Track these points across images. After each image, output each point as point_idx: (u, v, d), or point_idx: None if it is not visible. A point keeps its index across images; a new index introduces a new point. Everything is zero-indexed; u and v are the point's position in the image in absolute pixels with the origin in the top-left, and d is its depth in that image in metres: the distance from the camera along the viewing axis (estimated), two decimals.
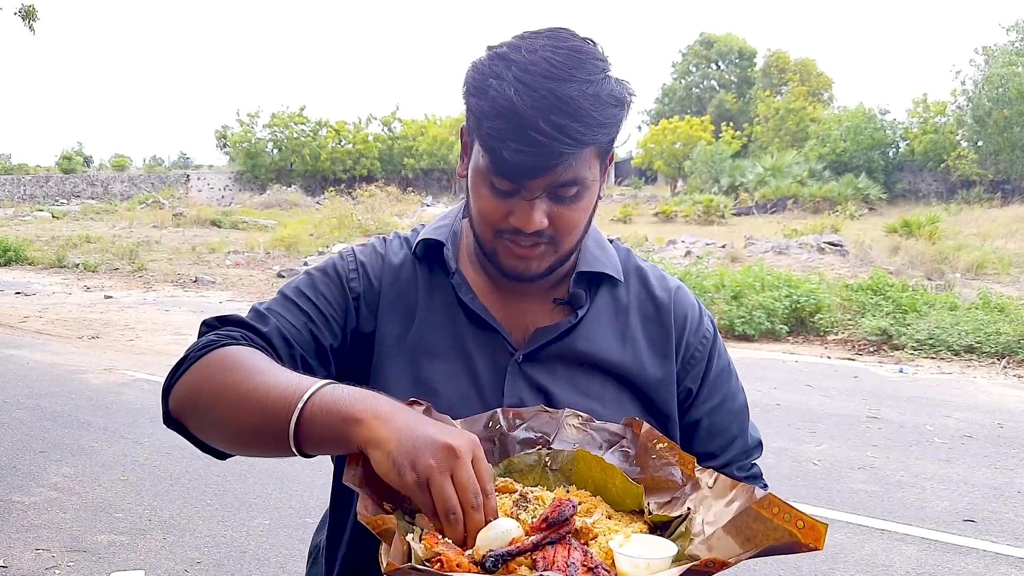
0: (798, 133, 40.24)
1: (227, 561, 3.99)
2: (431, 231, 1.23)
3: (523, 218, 1.05)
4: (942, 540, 4.28)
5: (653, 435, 1.05)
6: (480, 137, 1.03)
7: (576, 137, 0.98)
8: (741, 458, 1.27)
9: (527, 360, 1.16)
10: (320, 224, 22.62)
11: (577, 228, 1.10)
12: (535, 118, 0.96)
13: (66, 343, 9.82)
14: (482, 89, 1.01)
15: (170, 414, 1.07)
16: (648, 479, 1.01)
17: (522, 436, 1.06)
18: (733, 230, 21.81)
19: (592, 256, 1.22)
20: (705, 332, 1.25)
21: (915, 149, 34.64)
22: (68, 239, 21.85)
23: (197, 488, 4.95)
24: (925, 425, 6.41)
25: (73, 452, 5.59)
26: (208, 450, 1.07)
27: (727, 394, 1.26)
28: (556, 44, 1.01)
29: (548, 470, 1.04)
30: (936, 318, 9.60)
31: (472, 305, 1.17)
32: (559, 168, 1.01)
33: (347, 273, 1.21)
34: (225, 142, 45.54)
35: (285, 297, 1.18)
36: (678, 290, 1.27)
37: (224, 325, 1.13)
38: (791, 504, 0.83)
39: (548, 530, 0.85)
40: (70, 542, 4.17)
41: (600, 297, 1.22)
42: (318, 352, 1.14)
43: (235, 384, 0.99)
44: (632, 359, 1.19)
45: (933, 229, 17.61)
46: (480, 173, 1.06)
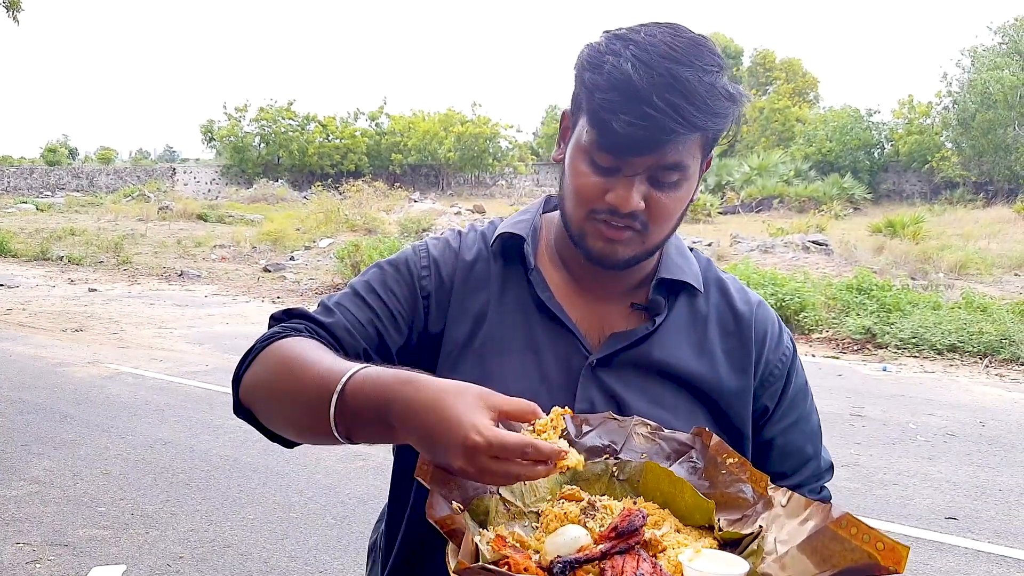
0: (784, 133, 40.44)
1: (210, 555, 3.97)
2: (511, 225, 1.21)
3: (621, 196, 1.02)
4: (924, 538, 4.32)
5: (723, 449, 1.01)
6: (590, 110, 1.01)
7: (688, 119, 0.97)
8: (812, 481, 1.23)
9: (600, 365, 1.13)
10: (307, 219, 22.51)
11: (671, 218, 1.08)
12: (650, 93, 0.95)
13: (49, 336, 9.74)
14: (598, 64, 1.00)
15: (241, 404, 1.08)
16: (717, 494, 0.98)
17: (590, 443, 1.04)
18: (719, 229, 21.88)
19: (674, 263, 1.19)
20: (785, 349, 1.22)
21: (900, 150, 34.88)
22: (53, 232, 21.67)
23: (181, 482, 4.93)
24: (908, 423, 6.45)
25: (55, 445, 5.55)
26: (277, 439, 1.08)
27: (803, 414, 1.23)
28: (675, 32, 1.01)
29: (615, 480, 1.02)
30: (919, 317, 9.67)
31: (549, 303, 1.15)
32: (666, 148, 0.99)
33: (419, 271, 1.18)
34: (211, 136, 45.27)
35: (354, 292, 1.17)
36: (760, 305, 1.24)
37: (290, 318, 1.13)
38: (871, 525, 0.81)
39: (617, 539, 0.84)
40: (51, 536, 4.14)
41: (679, 306, 1.19)
42: (381, 349, 1.13)
43: (289, 373, 1.00)
44: (708, 371, 1.16)
45: (917, 229, 17.74)
46: (582, 149, 1.04)
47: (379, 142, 44.08)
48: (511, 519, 0.96)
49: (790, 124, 40.95)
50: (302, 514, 4.48)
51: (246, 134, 43.72)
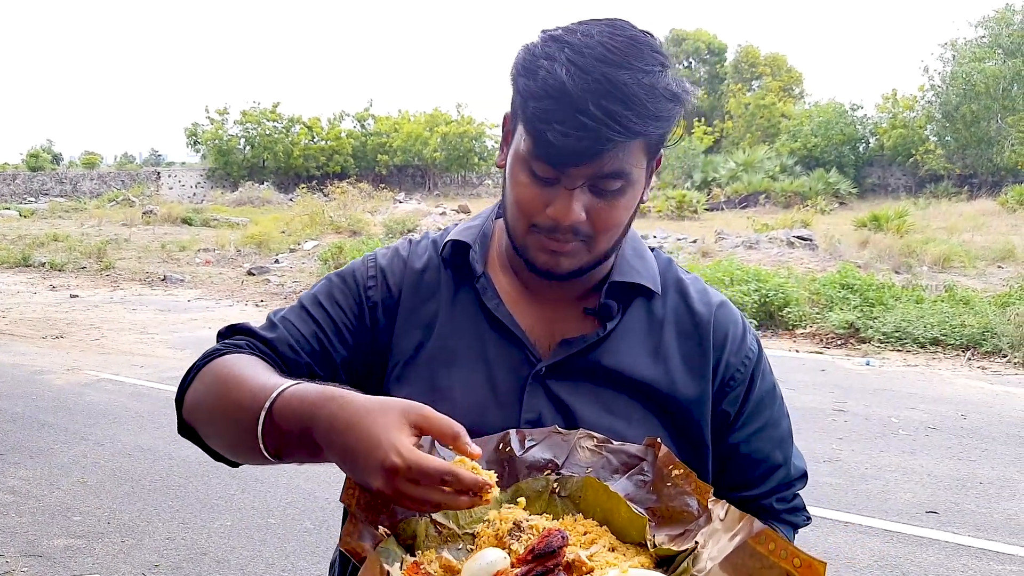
0: (769, 128, 40.54)
1: (186, 564, 3.93)
2: (460, 232, 1.18)
3: (561, 209, 0.99)
4: (905, 532, 4.31)
5: (670, 460, 0.98)
6: (525, 118, 0.97)
7: (626, 125, 0.93)
8: (782, 489, 1.17)
9: (550, 373, 1.09)
10: (292, 221, 22.42)
11: (615, 227, 1.04)
12: (585, 100, 0.91)
13: (29, 343, 9.65)
14: (532, 70, 0.96)
15: (184, 423, 1.07)
16: (663, 508, 0.95)
17: (531, 459, 1.01)
18: (705, 225, 21.91)
19: (628, 265, 1.14)
20: (748, 352, 1.16)
21: (884, 144, 35.02)
22: (35, 238, 21.51)
23: (158, 490, 4.88)
24: (890, 417, 6.46)
25: (32, 454, 5.49)
26: (219, 458, 1.06)
27: (770, 420, 1.16)
28: (614, 31, 0.97)
29: (557, 496, 0.99)
30: (902, 311, 9.70)
31: (496, 312, 1.12)
32: (604, 156, 0.95)
33: (365, 281, 1.16)
34: (196, 139, 45.04)
35: (301, 306, 1.15)
36: (720, 306, 1.18)
37: (234, 334, 1.12)
38: (789, 540, 0.79)
39: (534, 562, 0.82)
40: (25, 547, 4.09)
41: (634, 310, 1.14)
42: (326, 362, 1.11)
43: (225, 391, 0.99)
44: (663, 377, 1.11)
45: (901, 223, 17.80)
46: (520, 159, 1.01)
47: (365, 143, 43.96)
48: (443, 542, 0.93)
49: (775, 120, 41.05)
50: (280, 520, 4.44)
51: (231, 137, 43.53)
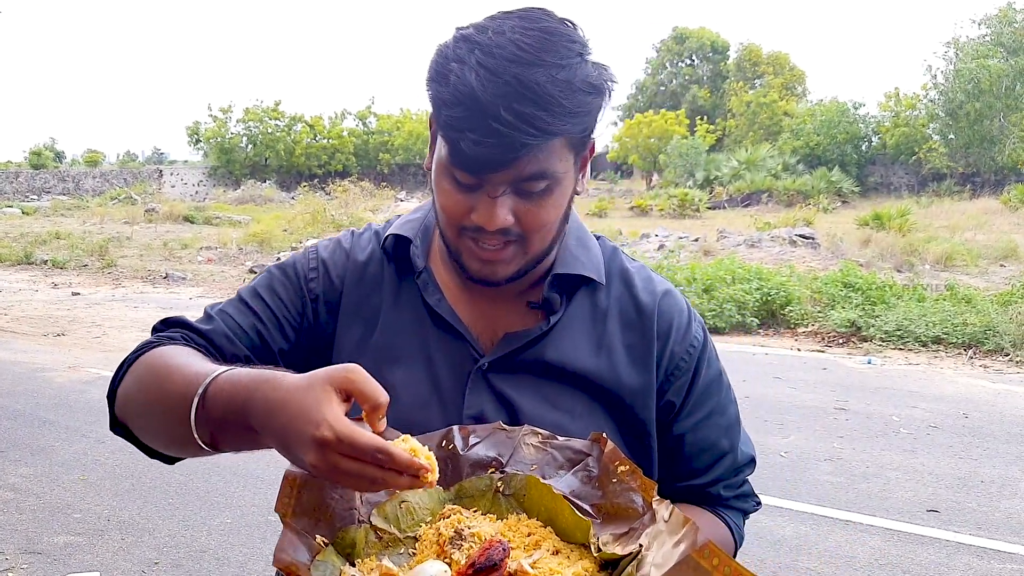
0: (772, 127, 40.53)
1: (186, 561, 3.93)
2: (400, 225, 1.15)
3: (485, 215, 0.96)
4: (905, 531, 4.31)
5: (616, 456, 0.96)
6: (440, 126, 0.95)
7: (540, 127, 0.90)
8: (730, 475, 1.17)
9: (493, 368, 1.08)
10: (293, 220, 22.43)
11: (547, 227, 1.01)
12: (496, 106, 0.88)
13: (31, 341, 9.65)
14: (443, 75, 0.93)
15: (116, 420, 1.05)
16: (608, 504, 0.94)
17: (475, 457, 0.99)
18: (707, 224, 21.91)
19: (571, 256, 1.12)
20: (692, 341, 1.14)
21: (887, 142, 35.01)
22: (37, 236, 21.52)
23: (159, 487, 4.88)
24: (891, 416, 6.45)
25: (33, 452, 5.50)
26: (153, 454, 1.04)
27: (715, 407, 1.15)
28: (526, 25, 0.93)
29: (500, 495, 0.97)
30: (904, 310, 9.68)
31: (437, 307, 1.10)
32: (522, 161, 0.92)
33: (306, 272, 1.14)
34: (198, 137, 45.09)
35: (240, 298, 1.13)
36: (665, 294, 1.16)
37: (169, 327, 1.10)
38: (730, 556, 0.79)
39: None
40: (25, 544, 4.09)
41: (578, 301, 1.12)
42: (265, 353, 1.09)
43: (158, 383, 0.96)
44: (607, 369, 1.09)
45: (903, 222, 17.78)
46: (442, 166, 0.98)
47: (367, 141, 44.01)
48: (383, 548, 0.92)
49: (778, 118, 41.04)
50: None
51: (233, 135, 43.58)
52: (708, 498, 1.17)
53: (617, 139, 42.25)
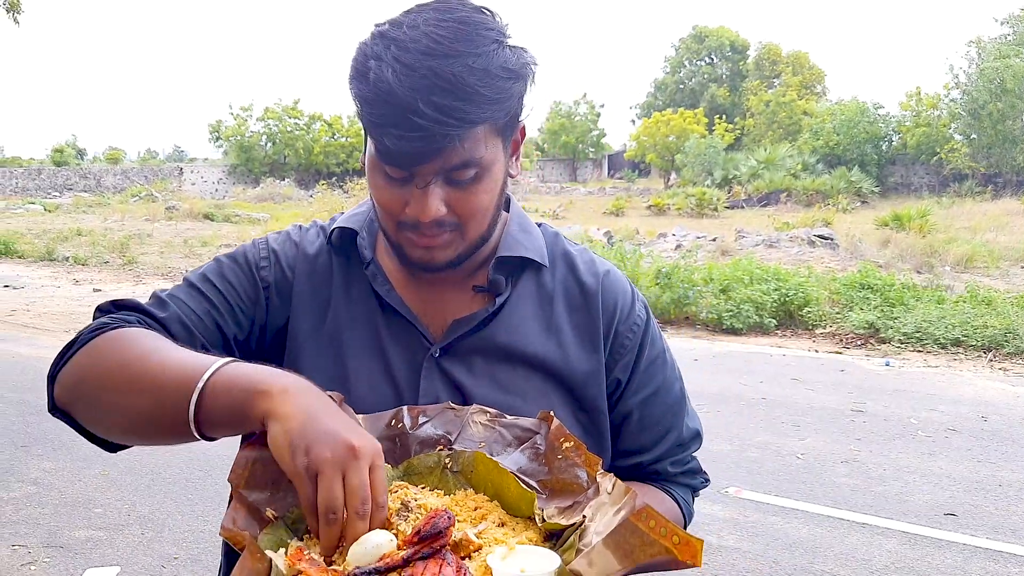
0: (791, 126, 40.32)
1: (204, 556, 3.98)
2: (346, 219, 1.17)
3: (418, 207, 0.99)
4: (922, 534, 4.29)
5: (561, 433, 0.99)
6: (364, 124, 0.98)
7: (460, 117, 0.92)
8: (676, 451, 1.20)
9: (444, 354, 1.09)
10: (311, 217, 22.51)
11: (481, 212, 1.03)
12: (415, 100, 0.90)
13: (53, 337, 9.77)
14: (362, 73, 0.95)
15: (56, 402, 1.01)
16: (554, 480, 0.96)
17: (423, 435, 1.01)
18: (725, 223, 21.82)
19: (514, 240, 1.14)
20: (636, 319, 1.17)
21: (908, 142, 34.72)
22: (59, 232, 21.74)
23: (177, 482, 4.94)
24: (909, 418, 6.41)
25: (55, 447, 5.57)
26: (97, 441, 1.01)
27: (660, 384, 1.18)
28: (440, 17, 0.95)
29: (448, 472, 0.99)
30: (923, 311, 9.62)
31: (387, 297, 1.11)
32: (447, 152, 0.94)
33: (257, 261, 1.15)
34: (218, 136, 45.40)
35: (189, 284, 1.12)
36: (607, 275, 1.18)
37: (120, 310, 1.07)
38: (667, 518, 0.80)
39: (420, 544, 0.81)
40: (47, 538, 4.15)
41: (523, 284, 1.14)
42: (221, 342, 1.09)
43: (127, 365, 0.94)
44: (556, 350, 1.11)
45: (924, 222, 17.63)
46: (373, 162, 1.01)
47: None
48: None
49: (797, 117, 40.81)
50: None
51: (253, 134, 43.84)
52: (655, 475, 1.20)
53: (634, 138, 42.16)
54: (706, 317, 10.47)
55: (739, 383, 7.57)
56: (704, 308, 10.56)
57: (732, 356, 8.94)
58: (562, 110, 46.37)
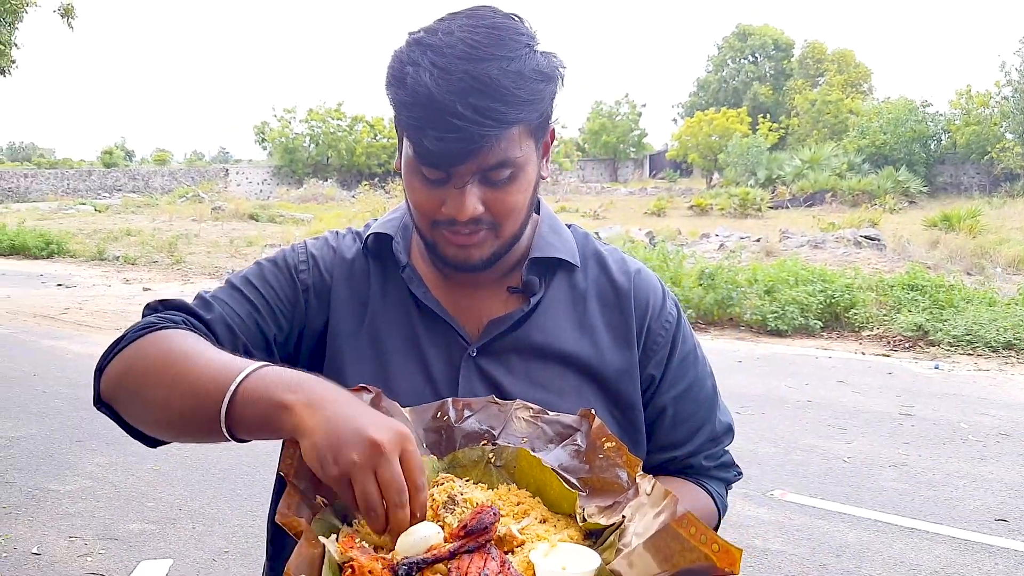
0: (836, 125, 39.72)
1: (254, 550, 4.05)
2: (381, 225, 1.20)
3: (456, 207, 1.01)
4: (972, 540, 4.22)
5: (602, 433, 1.01)
6: (402, 128, 1.01)
7: (497, 118, 0.95)
8: (709, 446, 1.22)
9: (481, 353, 1.12)
10: (355, 218, 22.78)
11: (516, 211, 1.06)
12: (453, 103, 0.93)
13: (105, 335, 10.00)
14: (400, 79, 0.98)
15: (101, 396, 1.04)
16: (595, 479, 0.98)
17: (468, 429, 1.03)
18: (768, 224, 21.59)
19: (546, 241, 1.17)
20: (668, 316, 1.19)
21: (957, 141, 33.98)
22: (109, 232, 22.25)
23: (227, 478, 5.03)
24: (959, 423, 6.30)
25: (108, 442, 5.71)
26: (139, 436, 1.04)
27: (693, 380, 1.20)
28: (474, 24, 0.98)
29: (492, 466, 1.01)
30: (974, 314, 9.43)
31: (424, 299, 1.14)
32: (483, 152, 0.97)
33: (297, 264, 1.17)
34: (263, 137, 46.02)
35: (232, 286, 1.14)
36: (638, 273, 1.21)
37: (167, 309, 1.10)
38: (707, 526, 0.81)
39: (466, 538, 0.83)
40: (102, 530, 4.27)
41: (556, 284, 1.17)
42: (263, 344, 1.12)
43: (169, 366, 0.96)
44: (591, 348, 1.14)
45: (974, 223, 17.29)
46: (410, 165, 1.04)
47: None
48: None
49: (843, 116, 40.20)
50: None
51: (296, 135, 44.36)
52: (689, 469, 1.21)
53: (676, 137, 41.87)
54: (750, 318, 10.38)
55: (784, 385, 7.50)
56: (748, 309, 10.47)
57: (777, 358, 8.85)
58: (603, 110, 46.21)
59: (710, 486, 1.22)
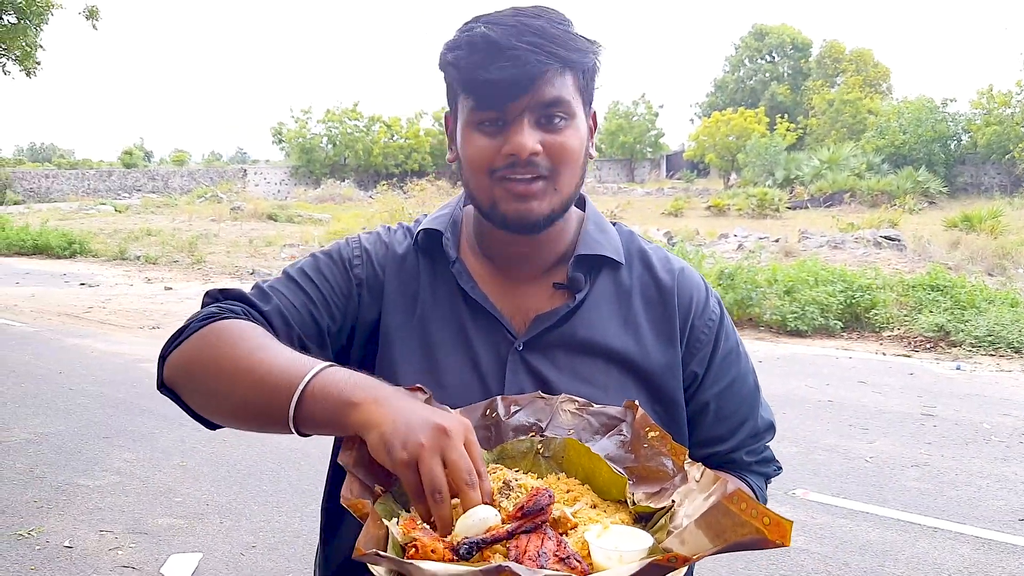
0: (855, 125, 39.47)
1: (281, 545, 4.11)
2: (431, 221, 1.23)
3: (516, 143, 1.04)
4: (996, 539, 4.21)
5: (646, 423, 1.04)
6: (460, 80, 1.06)
7: (551, 52, 1.02)
8: (751, 442, 1.24)
9: (528, 348, 1.15)
10: (372, 218, 22.87)
11: (573, 158, 1.09)
12: (509, 40, 1.01)
13: (128, 333, 10.12)
14: (455, 44, 1.06)
15: (164, 381, 1.08)
16: (640, 467, 1.01)
17: (516, 423, 1.07)
18: (787, 224, 21.50)
19: (592, 239, 1.20)
20: (711, 314, 1.22)
21: (978, 141, 33.69)
22: (130, 232, 22.44)
23: (252, 475, 5.09)
24: (982, 423, 6.27)
25: (135, 438, 5.78)
26: (199, 419, 1.09)
27: (735, 377, 1.23)
28: (523, 5, 1.08)
29: (540, 457, 1.04)
30: (996, 315, 9.36)
31: (472, 293, 1.17)
32: (539, 84, 1.03)
33: (351, 258, 1.21)
34: (281, 138, 46.25)
35: (288, 277, 1.18)
36: (682, 271, 1.23)
37: (226, 299, 1.14)
38: (758, 501, 0.83)
39: (523, 519, 0.86)
40: (132, 524, 4.33)
41: (601, 281, 1.19)
42: (317, 335, 1.15)
43: (235, 358, 1.00)
44: (635, 345, 1.17)
45: (995, 223, 17.16)
46: (467, 123, 1.08)
47: (443, 141, 44.36)
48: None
49: (861, 116, 39.95)
50: None
51: (314, 136, 44.55)
52: (731, 464, 1.24)
53: (694, 137, 41.75)
54: (770, 319, 10.35)
55: (805, 385, 7.49)
56: (768, 309, 10.44)
57: (797, 358, 8.83)
58: (620, 110, 46.11)
59: (751, 480, 1.25)
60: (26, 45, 10.69)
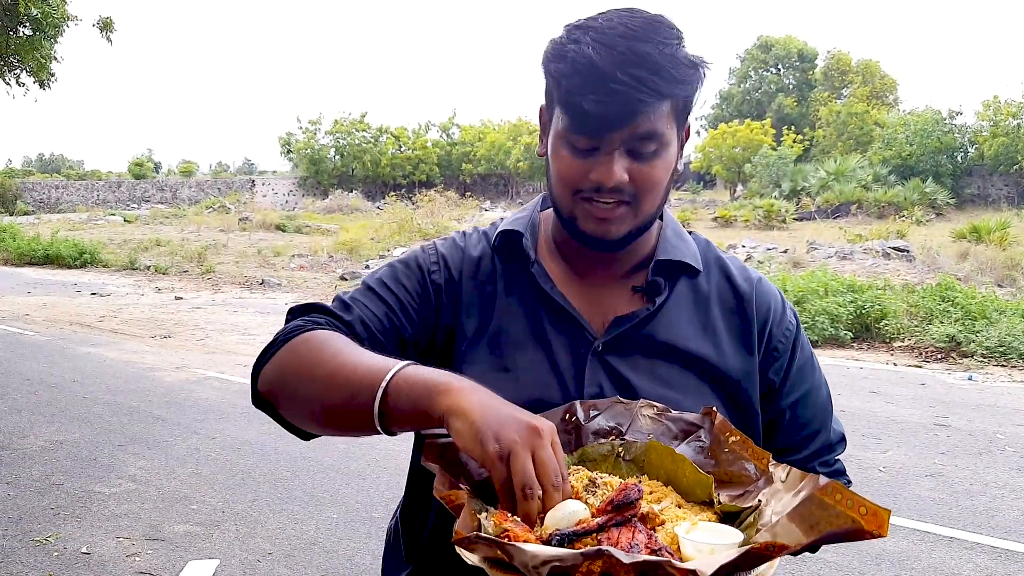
0: (862, 137, 39.49)
1: (297, 552, 4.12)
2: (510, 223, 1.25)
3: (603, 173, 1.05)
4: (1013, 549, 4.20)
5: (726, 428, 1.04)
6: (560, 98, 1.05)
7: (653, 87, 1.00)
8: (824, 453, 1.25)
9: (607, 349, 1.15)
10: (380, 228, 22.96)
11: (657, 187, 1.09)
12: (613, 70, 0.99)
13: (140, 342, 10.16)
14: (561, 54, 1.04)
15: (259, 395, 1.11)
16: (721, 472, 1.01)
17: (596, 427, 1.07)
18: (794, 235, 21.51)
19: (671, 245, 1.21)
20: (788, 324, 1.23)
21: (985, 152, 33.68)
22: (139, 242, 22.55)
23: (267, 483, 5.11)
24: (996, 433, 6.26)
25: (149, 446, 5.81)
26: (294, 430, 1.11)
27: (810, 387, 1.23)
28: (632, 15, 1.05)
29: (621, 460, 1.04)
30: (1007, 325, 9.34)
31: (552, 294, 1.18)
32: (638, 119, 1.02)
33: (428, 265, 1.22)
34: (289, 149, 46.46)
35: (368, 288, 1.21)
36: (760, 281, 1.25)
37: (309, 312, 1.17)
38: (854, 492, 0.82)
39: (614, 512, 0.86)
40: (148, 531, 4.35)
41: (680, 287, 1.20)
42: (398, 342, 1.17)
43: (322, 364, 1.03)
44: (713, 350, 1.17)
45: (1004, 235, 17.15)
46: (560, 136, 1.08)
47: (450, 152, 44.62)
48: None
49: (868, 128, 39.98)
50: (384, 515, 4.60)
51: (322, 146, 44.75)
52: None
53: (700, 149, 41.81)
54: None
55: None
56: None
57: None
58: None
59: None
60: (41, 57, 10.78)
